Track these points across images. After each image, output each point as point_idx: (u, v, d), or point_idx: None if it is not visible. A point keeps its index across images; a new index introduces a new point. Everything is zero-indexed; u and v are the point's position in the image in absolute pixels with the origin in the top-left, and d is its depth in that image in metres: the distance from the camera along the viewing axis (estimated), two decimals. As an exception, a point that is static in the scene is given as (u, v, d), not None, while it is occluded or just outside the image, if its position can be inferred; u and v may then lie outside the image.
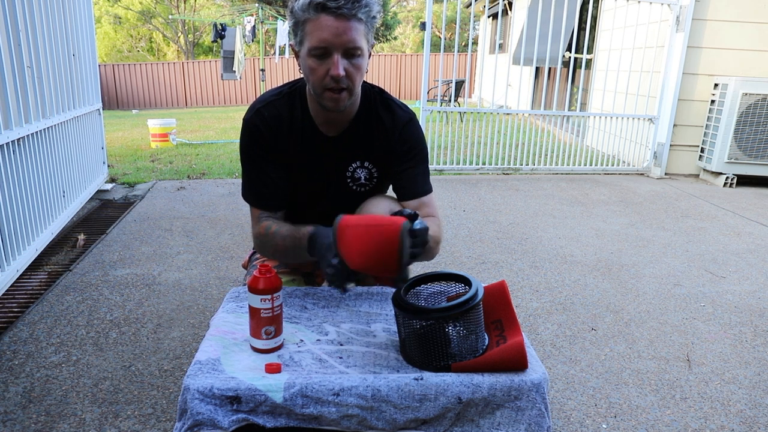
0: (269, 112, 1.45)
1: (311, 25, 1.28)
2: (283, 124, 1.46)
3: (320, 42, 1.28)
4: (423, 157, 1.54)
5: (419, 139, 1.53)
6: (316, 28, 1.28)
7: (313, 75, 1.32)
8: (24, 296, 2.50)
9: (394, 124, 1.50)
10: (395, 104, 1.52)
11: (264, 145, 1.46)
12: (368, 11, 1.30)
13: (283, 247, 1.40)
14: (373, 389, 1.06)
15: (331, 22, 1.26)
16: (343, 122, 1.47)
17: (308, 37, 1.30)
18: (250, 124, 1.45)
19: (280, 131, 1.46)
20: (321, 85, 1.33)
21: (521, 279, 2.80)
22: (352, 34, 1.28)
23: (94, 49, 4.21)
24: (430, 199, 1.53)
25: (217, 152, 6.59)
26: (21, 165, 2.66)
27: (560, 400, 1.80)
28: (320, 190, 1.54)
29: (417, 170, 1.52)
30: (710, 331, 2.29)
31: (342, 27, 1.27)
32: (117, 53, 24.95)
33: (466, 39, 18.48)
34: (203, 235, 3.38)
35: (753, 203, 4.45)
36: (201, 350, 1.18)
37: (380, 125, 1.49)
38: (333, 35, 1.27)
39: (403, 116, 1.51)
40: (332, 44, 1.28)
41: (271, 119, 1.44)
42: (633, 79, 5.61)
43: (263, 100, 1.47)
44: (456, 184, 4.90)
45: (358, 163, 1.51)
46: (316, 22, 1.27)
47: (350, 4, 1.26)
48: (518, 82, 5.58)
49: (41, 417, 1.65)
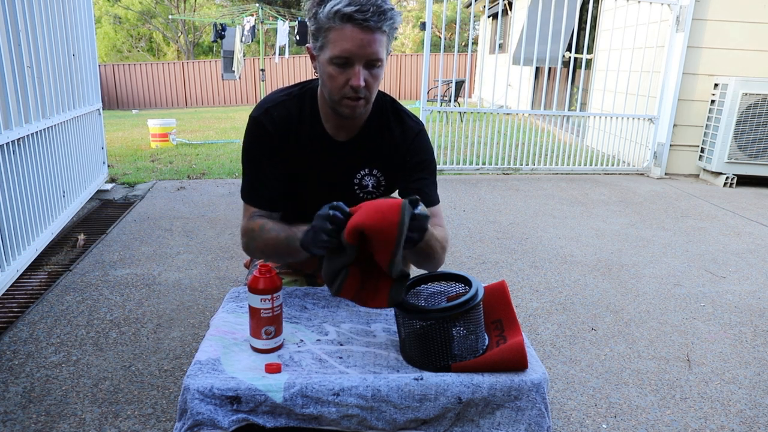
0: (278, 113, 1.44)
1: (335, 33, 1.27)
2: (292, 125, 1.45)
3: (343, 52, 1.28)
4: (432, 170, 1.54)
5: (428, 151, 1.53)
6: (341, 37, 1.27)
7: (332, 82, 1.32)
8: (24, 296, 2.50)
9: (404, 136, 1.50)
10: (406, 115, 1.52)
11: (268, 144, 1.45)
12: (392, 24, 1.30)
13: (275, 242, 1.37)
14: (373, 389, 1.06)
15: (357, 34, 1.26)
16: (354, 128, 1.47)
17: (331, 45, 1.29)
18: (257, 122, 1.44)
19: (288, 132, 1.45)
20: (340, 94, 1.33)
21: (521, 279, 2.80)
22: (375, 46, 1.28)
23: (94, 49, 4.21)
24: (438, 210, 1.53)
25: (217, 152, 6.59)
26: (21, 165, 2.66)
27: (560, 400, 1.80)
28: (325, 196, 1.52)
29: (426, 182, 1.52)
30: (710, 331, 2.29)
31: (367, 39, 1.26)
32: (117, 53, 24.94)
33: (466, 39, 18.47)
34: (203, 235, 3.38)
35: (753, 203, 4.45)
36: (201, 350, 1.18)
37: (390, 135, 1.49)
38: (357, 47, 1.27)
39: (413, 127, 1.51)
40: (356, 55, 1.28)
41: (280, 119, 1.44)
42: (633, 79, 5.61)
43: (273, 100, 1.46)
44: (456, 184, 4.90)
45: (367, 170, 1.51)
46: (341, 32, 1.27)
47: (376, 17, 1.25)
48: (518, 82, 5.58)
49: (41, 417, 1.65)
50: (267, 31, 17.99)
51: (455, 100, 9.43)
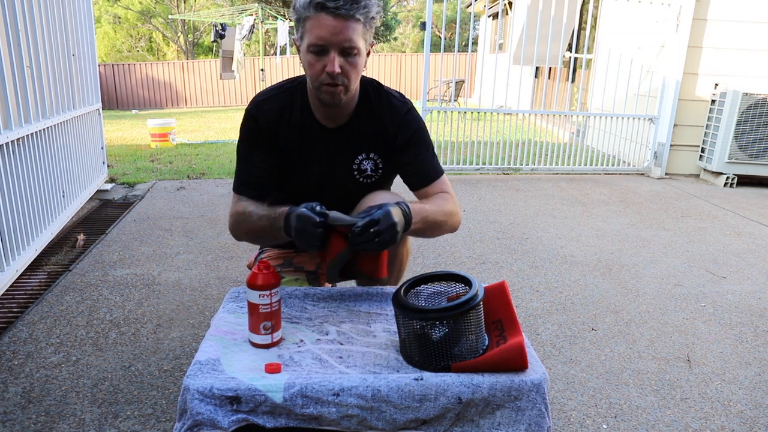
0: (269, 105, 1.51)
1: (311, 22, 1.34)
2: (283, 116, 1.51)
3: (318, 39, 1.34)
4: (427, 143, 1.58)
5: (420, 127, 1.56)
6: (315, 26, 1.33)
7: (311, 70, 1.39)
8: (24, 296, 2.50)
9: (393, 116, 1.54)
10: (392, 95, 1.56)
11: (259, 136, 1.51)
12: (366, 12, 1.35)
13: (258, 227, 1.46)
14: (373, 389, 1.06)
15: (329, 21, 1.32)
16: (343, 116, 1.52)
17: (308, 33, 1.35)
18: (249, 115, 1.52)
19: (280, 124, 1.51)
20: (318, 80, 1.38)
21: (521, 279, 2.80)
22: (348, 33, 1.33)
23: (93, 49, 4.21)
24: (442, 180, 1.57)
25: (217, 152, 6.58)
26: (21, 165, 2.66)
27: (560, 400, 1.80)
28: (325, 183, 1.57)
29: (423, 157, 1.56)
30: (711, 332, 2.29)
31: (339, 26, 1.32)
32: (117, 53, 24.93)
33: (466, 39, 18.47)
34: (203, 235, 3.38)
35: (753, 203, 4.45)
36: (201, 350, 1.17)
37: (379, 118, 1.53)
38: (330, 34, 1.32)
39: (401, 107, 1.55)
40: (329, 42, 1.33)
41: (270, 112, 1.50)
42: (633, 79, 5.60)
43: (265, 93, 1.54)
44: (456, 184, 4.90)
45: (364, 155, 1.56)
46: (316, 20, 1.33)
47: (348, 5, 1.31)
48: (518, 82, 5.58)
49: (41, 417, 1.65)
50: (267, 30, 17.99)
51: (455, 100, 9.43)
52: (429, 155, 1.56)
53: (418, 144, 1.55)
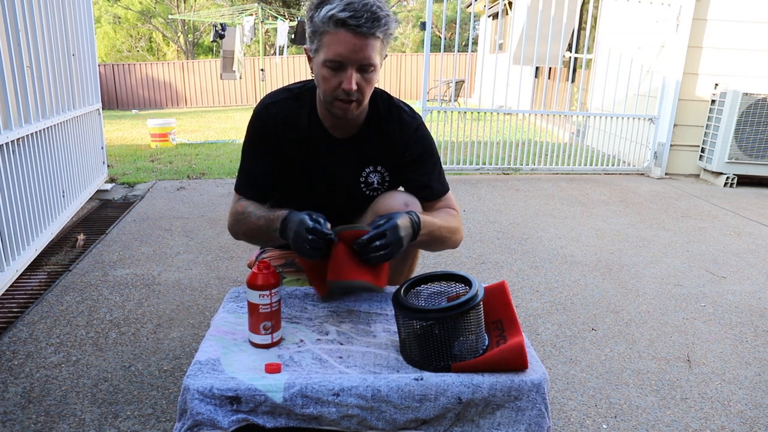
0: (277, 110, 1.50)
1: (329, 37, 1.31)
2: (290, 122, 1.50)
3: (336, 56, 1.31)
4: (435, 161, 1.57)
5: (428, 145, 1.56)
6: (334, 41, 1.30)
7: (326, 84, 1.36)
8: (24, 296, 2.50)
9: (402, 133, 1.53)
10: (403, 111, 1.55)
11: (265, 139, 1.50)
12: (386, 30, 1.32)
13: (256, 227, 1.46)
14: (373, 389, 1.06)
15: (349, 39, 1.29)
16: (353, 126, 1.51)
17: (325, 48, 1.32)
18: (257, 116, 1.51)
19: (287, 129, 1.50)
20: (332, 95, 1.37)
21: (521, 279, 2.80)
22: (368, 51, 1.31)
23: (93, 49, 4.21)
24: (448, 197, 1.58)
25: (217, 152, 6.58)
26: (21, 165, 2.66)
27: (560, 400, 1.80)
28: (329, 192, 1.56)
29: (431, 176, 1.56)
30: (711, 332, 2.29)
31: (359, 44, 1.29)
32: (117, 53, 24.93)
33: (466, 39, 18.47)
34: (203, 235, 3.38)
35: (753, 203, 4.45)
36: (201, 350, 1.17)
37: (389, 132, 1.52)
38: (349, 51, 1.30)
39: (411, 123, 1.54)
40: (348, 59, 1.31)
41: (278, 116, 1.49)
42: (633, 79, 5.60)
43: (273, 96, 1.52)
44: (456, 184, 4.90)
45: (371, 167, 1.55)
46: (335, 36, 1.30)
47: (370, 23, 1.28)
48: (518, 82, 5.58)
49: (41, 417, 1.65)
50: (267, 31, 17.99)
51: (455, 100, 9.43)
52: (437, 172, 1.56)
53: (426, 161, 1.54)
